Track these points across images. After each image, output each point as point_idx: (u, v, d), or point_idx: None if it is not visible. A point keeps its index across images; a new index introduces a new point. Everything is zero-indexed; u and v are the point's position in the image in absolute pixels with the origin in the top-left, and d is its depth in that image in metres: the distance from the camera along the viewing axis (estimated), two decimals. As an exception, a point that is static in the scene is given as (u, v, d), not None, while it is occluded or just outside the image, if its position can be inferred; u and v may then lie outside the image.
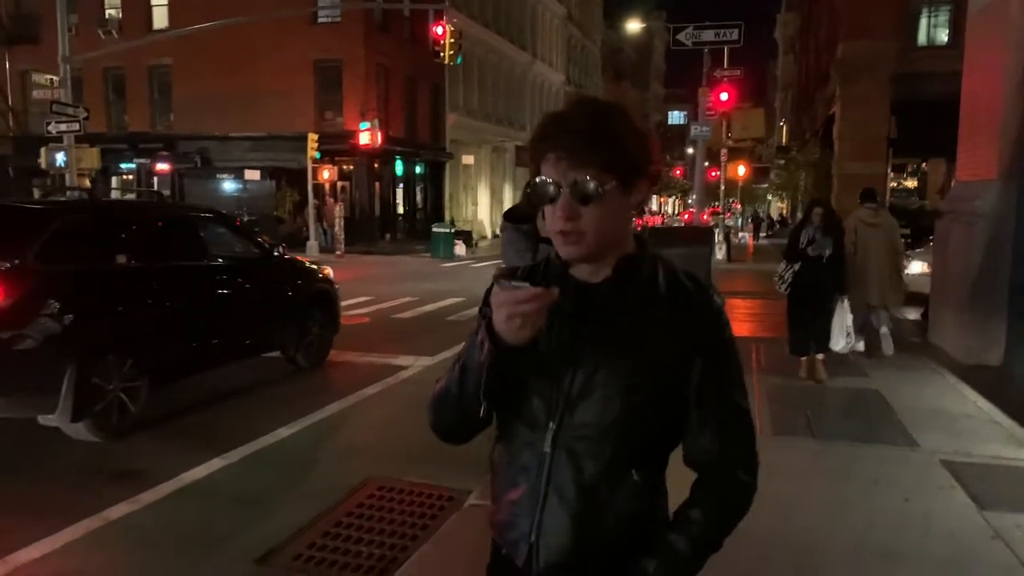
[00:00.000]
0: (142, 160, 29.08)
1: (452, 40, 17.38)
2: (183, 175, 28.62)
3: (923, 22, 22.76)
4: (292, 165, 27.05)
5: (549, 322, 1.28)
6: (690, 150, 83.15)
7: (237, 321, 7.00)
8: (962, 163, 9.48)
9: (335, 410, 6.60)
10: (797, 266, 7.17)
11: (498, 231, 40.79)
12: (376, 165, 29.16)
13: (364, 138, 26.30)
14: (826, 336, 7.19)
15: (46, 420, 5.28)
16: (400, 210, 32.13)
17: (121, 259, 5.86)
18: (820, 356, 7.22)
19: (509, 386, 1.34)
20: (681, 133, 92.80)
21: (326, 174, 26.59)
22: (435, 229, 26.09)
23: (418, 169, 32.88)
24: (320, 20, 27.82)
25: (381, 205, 30.29)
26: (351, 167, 28.68)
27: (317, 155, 24.90)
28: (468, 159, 35.21)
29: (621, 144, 1.30)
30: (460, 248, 26.28)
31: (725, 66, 20.06)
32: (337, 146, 26.85)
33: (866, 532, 3.99)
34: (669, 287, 1.38)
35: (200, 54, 27.00)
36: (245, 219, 21.34)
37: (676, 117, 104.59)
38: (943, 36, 22.34)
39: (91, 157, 16.15)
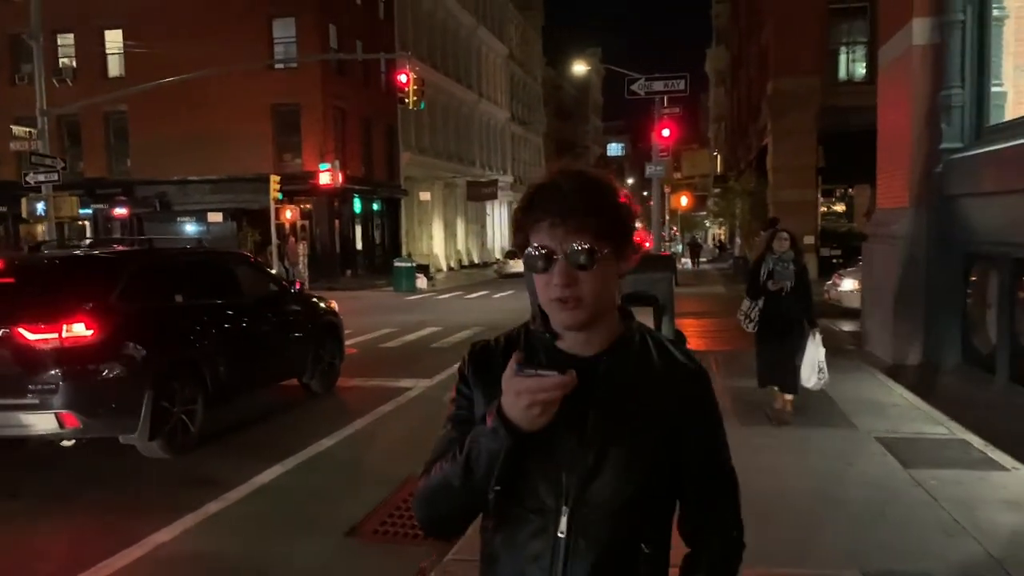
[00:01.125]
0: (99, 206, 29.34)
1: (415, 87, 18.55)
2: (143, 219, 28.98)
3: (843, 59, 24.86)
4: (253, 206, 27.71)
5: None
6: (630, 180, 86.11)
7: (268, 350, 7.91)
8: (881, 192, 10.98)
9: (361, 425, 7.56)
10: (760, 302, 6.83)
11: (452, 264, 41.70)
12: (335, 204, 30.02)
13: (325, 178, 27.19)
14: (794, 375, 6.79)
15: (127, 439, 6.11)
16: (359, 246, 32.95)
17: (179, 298, 6.75)
18: (788, 396, 6.93)
19: (516, 472, 1.29)
20: (620, 164, 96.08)
21: (289, 214, 27.34)
22: (397, 264, 27.01)
23: (375, 206, 33.85)
24: (277, 66, 28.73)
25: (341, 242, 31.08)
26: (311, 206, 29.48)
27: (280, 196, 25.66)
28: (425, 195, 36.33)
29: (615, 211, 1.32)
30: (421, 281, 27.23)
31: (665, 105, 21.71)
32: (297, 186, 27.64)
33: (818, 485, 5.17)
34: (661, 358, 1.39)
35: (156, 100, 27.37)
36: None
37: (614, 149, 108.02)
38: (861, 71, 24.40)
39: (70, 205, 16.74)
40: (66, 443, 6.11)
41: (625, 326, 1.40)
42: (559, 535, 1.31)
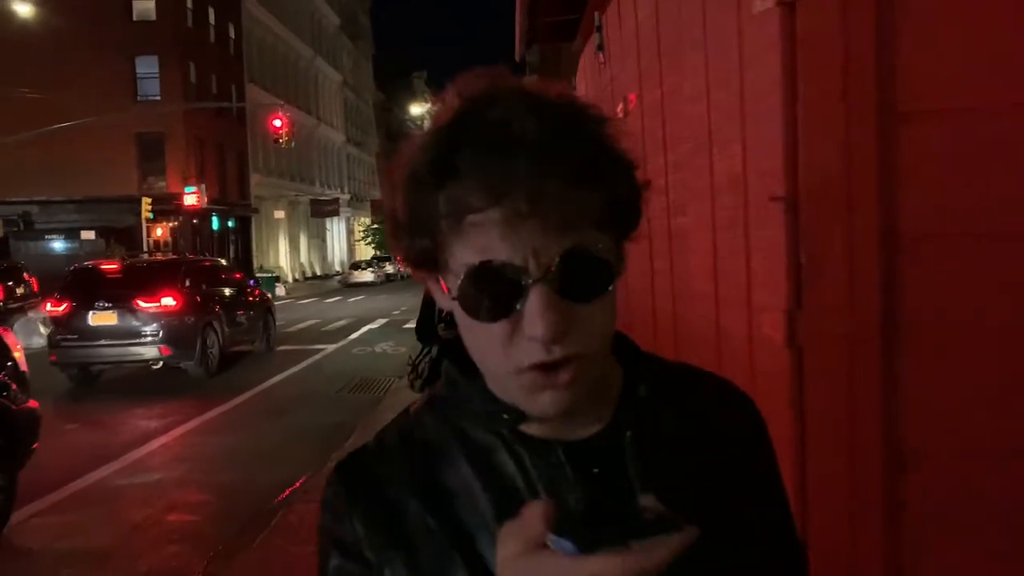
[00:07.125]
0: (-43, 225, 30.82)
1: (287, 129, 23.13)
2: (9, 237, 30.85)
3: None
4: (119, 224, 30.56)
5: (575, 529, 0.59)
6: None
7: (244, 320, 12.60)
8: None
9: (308, 363, 12.48)
10: (434, 351, 4.38)
11: (296, 276, 45.53)
12: (196, 222, 33.34)
13: (190, 200, 30.64)
14: None
15: (185, 365, 10.71)
16: (217, 260, 36.27)
17: (204, 286, 11.41)
18: None
19: None
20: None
21: (159, 232, 30.51)
22: (259, 274, 30.96)
23: (230, 223, 37.28)
24: (139, 99, 31.77)
25: (202, 256, 34.40)
26: (175, 224, 32.66)
27: (151, 215, 28.91)
28: (279, 213, 40.10)
29: (611, 161, 0.68)
30: (280, 289, 31.39)
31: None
32: (162, 206, 30.82)
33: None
34: (690, 395, 0.85)
35: (13, 123, 29.19)
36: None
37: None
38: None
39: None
40: (155, 367, 10.61)
41: (625, 367, 0.81)
42: None
